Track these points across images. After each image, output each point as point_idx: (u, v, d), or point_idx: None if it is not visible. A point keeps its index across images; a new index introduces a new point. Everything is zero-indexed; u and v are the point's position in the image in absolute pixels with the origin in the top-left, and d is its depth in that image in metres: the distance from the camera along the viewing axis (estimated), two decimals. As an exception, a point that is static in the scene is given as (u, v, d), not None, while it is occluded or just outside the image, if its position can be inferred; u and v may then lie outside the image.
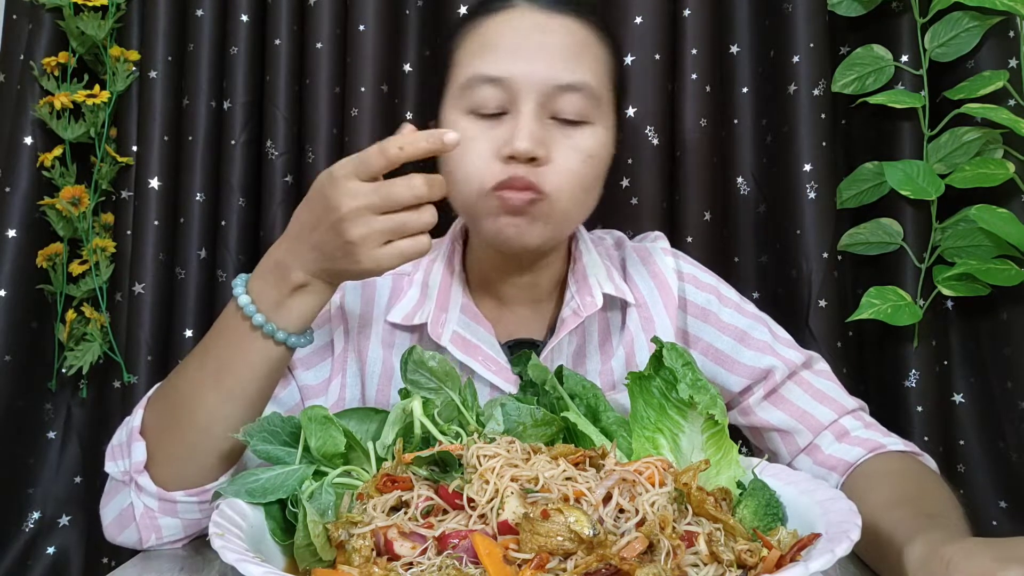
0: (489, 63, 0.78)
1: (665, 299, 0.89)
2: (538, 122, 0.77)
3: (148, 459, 0.72)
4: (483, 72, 0.78)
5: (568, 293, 0.88)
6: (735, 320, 0.90)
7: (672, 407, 0.67)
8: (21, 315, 1.18)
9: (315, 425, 0.63)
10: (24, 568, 1.18)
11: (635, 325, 0.89)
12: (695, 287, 0.92)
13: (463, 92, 0.79)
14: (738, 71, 1.23)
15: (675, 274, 0.91)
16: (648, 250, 0.94)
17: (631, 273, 0.92)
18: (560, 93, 0.78)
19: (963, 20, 1.11)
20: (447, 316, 0.85)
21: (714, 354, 0.90)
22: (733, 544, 0.55)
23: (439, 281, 0.87)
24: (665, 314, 0.89)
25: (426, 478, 0.59)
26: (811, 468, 0.84)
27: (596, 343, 0.89)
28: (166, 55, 1.21)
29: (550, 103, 0.78)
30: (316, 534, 0.57)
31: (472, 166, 0.78)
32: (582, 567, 0.49)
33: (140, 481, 0.72)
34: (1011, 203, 1.10)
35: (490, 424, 0.69)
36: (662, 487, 0.57)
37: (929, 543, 0.59)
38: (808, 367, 0.90)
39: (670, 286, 0.90)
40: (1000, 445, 1.14)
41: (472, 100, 0.79)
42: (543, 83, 0.77)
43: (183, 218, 1.21)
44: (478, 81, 0.78)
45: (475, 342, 0.84)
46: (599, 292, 0.87)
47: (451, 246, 0.90)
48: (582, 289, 0.87)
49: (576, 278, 0.88)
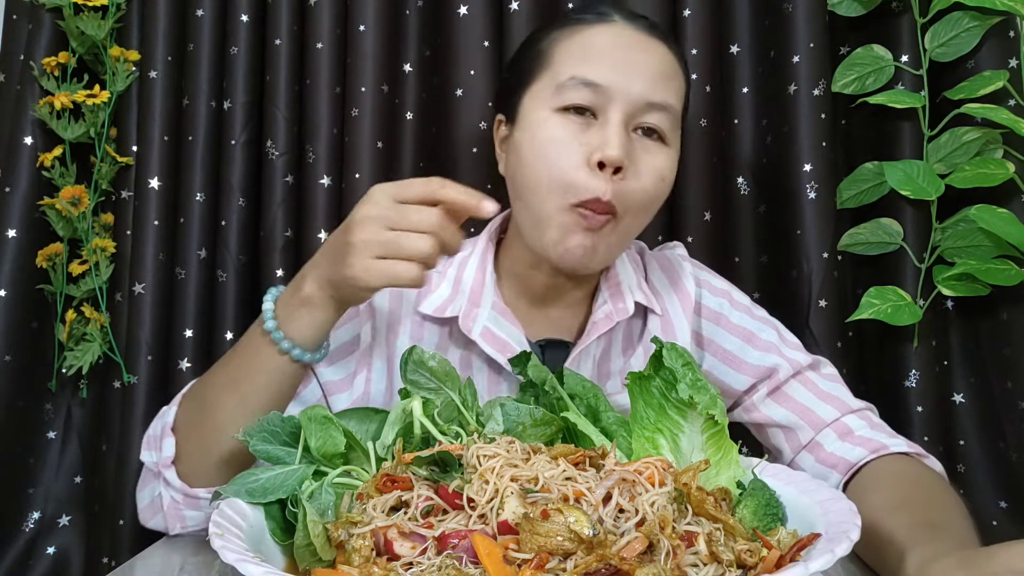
0: (590, 68, 0.80)
1: (684, 304, 0.93)
2: (626, 132, 0.80)
3: (176, 455, 0.76)
4: (584, 75, 0.80)
5: (601, 298, 0.90)
6: (744, 322, 0.93)
7: (672, 407, 0.67)
8: (21, 315, 1.18)
9: (315, 425, 0.63)
10: (24, 568, 1.18)
11: (656, 329, 0.91)
12: (709, 292, 0.95)
13: (558, 91, 0.81)
14: (738, 71, 1.23)
15: (693, 280, 0.94)
16: (669, 259, 0.97)
17: (653, 281, 0.95)
18: (648, 110, 0.81)
19: (963, 20, 1.11)
20: (479, 311, 0.87)
21: (723, 355, 0.93)
22: (733, 544, 0.55)
23: (472, 277, 0.89)
24: (684, 319, 0.92)
25: (426, 478, 0.59)
26: (812, 466, 0.85)
27: (620, 347, 0.92)
28: (166, 55, 1.21)
29: (637, 117, 0.81)
30: (316, 534, 0.57)
31: (560, 170, 0.79)
32: (582, 567, 0.49)
33: (167, 476, 0.75)
34: (1011, 203, 1.10)
35: (490, 424, 0.69)
36: (662, 487, 0.57)
37: (919, 563, 0.59)
38: (814, 369, 0.92)
39: (689, 293, 0.93)
40: (1000, 445, 1.14)
41: (566, 99, 0.80)
42: (637, 97, 0.80)
43: (183, 218, 1.21)
44: (577, 83, 0.80)
45: (504, 338, 0.86)
46: (631, 299, 0.90)
47: (487, 244, 0.92)
48: (615, 295, 0.90)
49: (609, 284, 0.91)
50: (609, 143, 0.78)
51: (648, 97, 0.80)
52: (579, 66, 0.81)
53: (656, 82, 0.81)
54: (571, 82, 0.80)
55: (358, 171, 1.19)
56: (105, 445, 1.21)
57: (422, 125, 1.24)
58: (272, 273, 1.19)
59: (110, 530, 1.16)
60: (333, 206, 1.20)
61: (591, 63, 0.81)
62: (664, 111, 0.82)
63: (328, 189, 1.20)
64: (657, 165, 0.82)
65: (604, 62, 0.81)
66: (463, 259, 0.90)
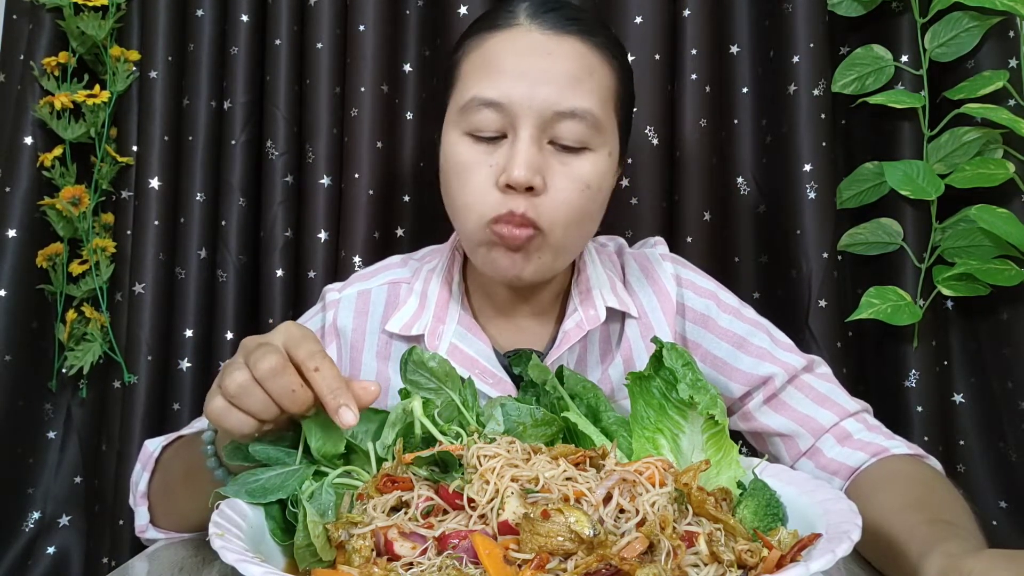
0: (489, 86, 0.76)
1: (664, 307, 0.89)
2: (536, 148, 0.76)
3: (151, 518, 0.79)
4: (482, 95, 0.76)
5: (571, 305, 0.87)
6: (733, 326, 0.89)
7: (672, 407, 0.67)
8: (21, 315, 1.18)
9: (315, 426, 0.63)
10: (24, 568, 1.18)
11: (634, 334, 0.88)
12: (694, 292, 0.91)
13: (463, 112, 0.78)
14: (738, 71, 1.23)
15: (674, 279, 0.90)
16: (647, 257, 0.93)
17: (631, 282, 0.91)
18: (560, 119, 0.76)
19: (963, 20, 1.11)
20: (444, 328, 0.85)
21: (712, 361, 0.89)
22: (733, 544, 0.55)
23: (437, 292, 0.87)
24: (664, 322, 0.88)
25: (426, 478, 0.59)
26: (813, 472, 0.83)
27: (597, 354, 0.89)
28: (166, 55, 1.21)
29: (549, 129, 0.76)
30: (316, 534, 0.57)
31: (471, 195, 0.77)
32: (582, 567, 0.49)
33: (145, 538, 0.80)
34: (1011, 203, 1.10)
35: (490, 424, 0.69)
36: (662, 487, 0.57)
37: (948, 555, 0.58)
38: (809, 371, 0.90)
39: (669, 293, 0.89)
40: (1000, 445, 1.14)
41: (471, 122, 0.77)
42: (542, 109, 0.75)
43: (183, 218, 1.21)
44: (477, 103, 0.76)
45: (472, 354, 0.84)
46: (602, 305, 0.86)
47: (451, 256, 0.89)
48: (585, 302, 0.87)
49: (580, 290, 0.87)
50: (514, 164, 0.74)
51: (555, 106, 0.75)
52: (479, 83, 0.77)
53: (564, 88, 0.76)
54: (472, 103, 0.76)
55: (358, 171, 1.19)
56: (105, 445, 1.21)
57: (422, 125, 1.24)
58: (272, 273, 1.19)
59: (110, 530, 1.17)
60: (333, 206, 1.20)
61: (491, 79, 0.76)
62: (579, 118, 0.76)
63: (328, 189, 1.20)
64: (580, 174, 0.77)
65: (504, 76, 0.76)
66: (428, 271, 0.89)
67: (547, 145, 0.77)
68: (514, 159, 0.74)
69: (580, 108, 0.76)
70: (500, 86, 0.76)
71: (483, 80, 0.77)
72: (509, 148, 0.76)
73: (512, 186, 0.74)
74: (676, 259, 0.94)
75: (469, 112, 0.77)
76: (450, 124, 0.80)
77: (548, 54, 0.77)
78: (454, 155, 0.79)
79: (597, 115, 0.77)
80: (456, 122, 0.79)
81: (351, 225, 1.19)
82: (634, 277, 0.91)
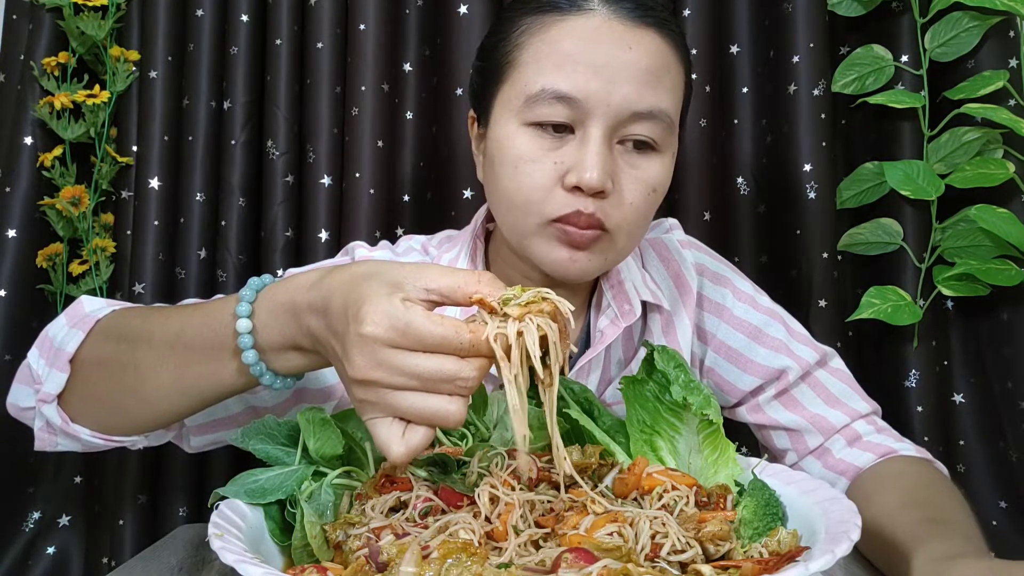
0: (561, 77, 0.70)
1: (685, 299, 0.86)
2: (608, 149, 0.71)
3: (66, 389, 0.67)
4: (554, 87, 0.70)
5: (604, 301, 0.83)
6: (748, 316, 0.87)
7: (667, 410, 0.67)
8: (21, 315, 1.18)
9: (314, 427, 0.63)
10: (24, 568, 1.18)
11: (656, 327, 0.86)
12: (711, 281, 0.88)
13: (528, 103, 0.71)
14: (738, 71, 1.23)
15: (694, 268, 0.88)
16: (665, 244, 0.90)
17: (650, 272, 0.88)
18: (635, 120, 0.71)
19: (963, 20, 1.11)
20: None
21: (727, 352, 0.87)
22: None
23: None
24: (685, 314, 0.86)
25: (425, 479, 0.59)
26: (821, 472, 0.83)
27: (621, 350, 0.86)
28: (166, 55, 1.21)
29: (621, 128, 0.72)
30: (313, 535, 0.57)
31: (533, 192, 0.72)
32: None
33: (44, 411, 0.68)
34: (1011, 203, 1.10)
35: (497, 430, 0.68)
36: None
37: (931, 559, 0.58)
38: (823, 365, 0.88)
39: (690, 285, 0.87)
40: (1000, 445, 1.14)
41: (537, 114, 0.71)
42: (620, 108, 0.70)
43: (183, 218, 1.21)
44: (548, 96, 0.70)
45: None
46: (637, 300, 0.82)
47: (473, 244, 0.85)
48: (619, 296, 0.83)
49: (611, 283, 0.84)
50: (586, 165, 0.69)
51: (634, 106, 0.70)
52: (551, 74, 0.70)
53: (644, 86, 0.70)
54: (542, 95, 0.70)
55: (358, 171, 1.19)
56: (105, 445, 1.21)
57: (422, 125, 1.24)
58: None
59: (110, 530, 1.16)
60: (333, 206, 1.20)
61: (565, 70, 0.70)
62: (654, 119, 0.71)
63: (328, 189, 1.20)
64: (648, 178, 0.73)
65: (580, 69, 0.70)
66: (451, 261, 0.84)
67: (617, 145, 0.73)
68: (585, 160, 0.69)
69: (657, 108, 0.72)
70: (575, 79, 0.70)
71: (554, 71, 0.71)
72: (578, 146, 0.71)
73: (581, 187, 0.70)
74: (693, 243, 0.91)
75: (537, 104, 0.71)
76: (506, 112, 0.74)
77: (628, 48, 0.71)
78: (513, 147, 0.73)
79: (672, 116, 0.73)
80: (518, 112, 0.73)
81: (352, 225, 1.19)
82: (654, 268, 0.88)
